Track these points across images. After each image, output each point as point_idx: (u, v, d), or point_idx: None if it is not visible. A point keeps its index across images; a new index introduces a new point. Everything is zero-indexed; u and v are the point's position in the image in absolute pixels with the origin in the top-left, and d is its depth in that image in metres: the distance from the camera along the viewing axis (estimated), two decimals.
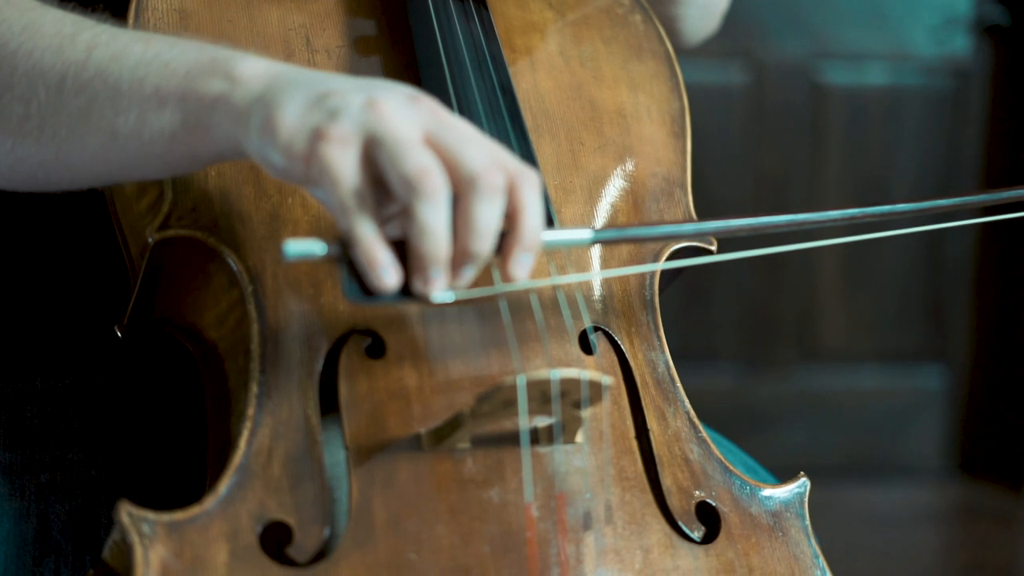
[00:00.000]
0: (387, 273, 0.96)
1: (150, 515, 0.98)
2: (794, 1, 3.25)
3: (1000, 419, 3.46)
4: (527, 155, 1.16)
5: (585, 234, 1.08)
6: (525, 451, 1.04)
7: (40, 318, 1.29)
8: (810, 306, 3.38)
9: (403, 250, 0.98)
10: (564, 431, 1.06)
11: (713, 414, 3.28)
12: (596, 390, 1.03)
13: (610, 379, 1.05)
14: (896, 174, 3.34)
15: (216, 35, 1.19)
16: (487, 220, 0.96)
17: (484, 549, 1.01)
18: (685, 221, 1.25)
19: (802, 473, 1.17)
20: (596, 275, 1.19)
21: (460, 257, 0.97)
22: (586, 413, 1.05)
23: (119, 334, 1.18)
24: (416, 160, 0.94)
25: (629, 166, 1.26)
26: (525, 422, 1.03)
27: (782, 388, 3.38)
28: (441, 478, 1.04)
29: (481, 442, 1.05)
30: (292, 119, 0.96)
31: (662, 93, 1.32)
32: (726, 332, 3.35)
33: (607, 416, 1.12)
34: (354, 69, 1.22)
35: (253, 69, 1.02)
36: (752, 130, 3.28)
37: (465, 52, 1.22)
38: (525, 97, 1.25)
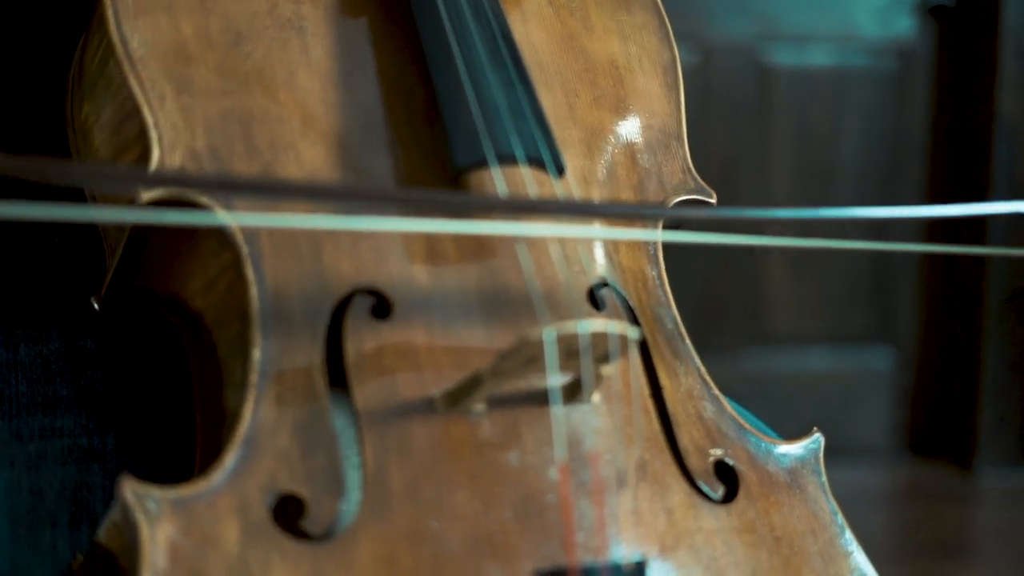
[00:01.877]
0: None
1: (156, 491, 0.92)
2: None
3: (948, 399, 3.48)
4: (534, 103, 1.13)
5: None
6: (557, 409, 1.01)
7: (22, 286, 1.25)
8: (759, 289, 3.39)
9: None
10: (586, 387, 1.02)
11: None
12: (623, 344, 0.99)
13: (637, 331, 1.01)
14: (841, 154, 3.36)
15: None
16: None
17: (507, 514, 0.98)
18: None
19: (815, 428, 1.15)
20: (599, 234, 1.15)
21: None
22: (609, 370, 1.02)
23: (96, 306, 1.14)
24: None
25: (624, 118, 1.24)
26: (556, 379, 1.00)
27: (732, 371, 3.38)
28: (458, 442, 1.00)
29: (497, 403, 1.02)
30: None
31: (652, 44, 1.30)
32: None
33: (622, 374, 1.09)
34: (344, 20, 1.19)
35: None
36: (699, 111, 3.28)
37: (463, 1, 1.19)
38: (520, 47, 1.21)
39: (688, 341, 1.16)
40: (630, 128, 1.24)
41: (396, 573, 0.94)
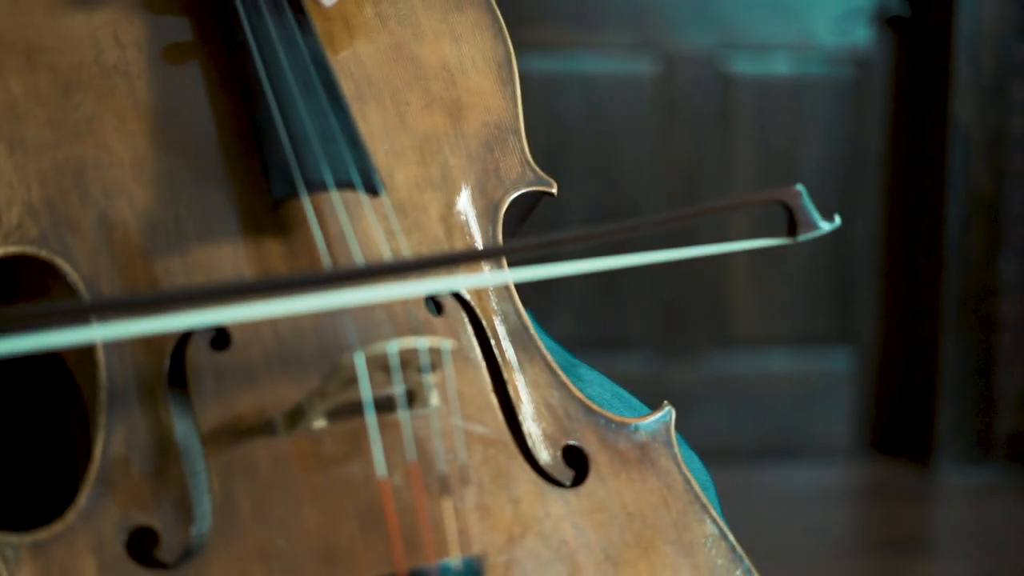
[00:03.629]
0: None
1: (12, 538, 0.98)
2: None
3: (908, 398, 3.54)
4: (346, 126, 1.16)
5: None
6: (372, 426, 1.04)
7: None
8: (721, 292, 3.44)
9: None
10: (415, 397, 1.06)
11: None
12: (437, 356, 1.04)
13: (451, 342, 1.05)
14: (802, 161, 3.41)
15: (23, 43, 1.17)
16: None
17: (352, 526, 1.02)
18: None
19: (666, 402, 1.19)
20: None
21: None
22: (434, 378, 1.06)
23: None
24: None
25: (459, 119, 1.27)
26: (369, 396, 1.03)
27: (695, 373, 3.43)
28: (301, 460, 1.04)
29: (336, 417, 1.05)
30: None
31: (485, 41, 1.33)
32: (638, 319, 3.40)
33: (461, 375, 1.12)
34: (167, 61, 1.21)
35: None
36: (662, 120, 3.33)
37: (273, 31, 1.21)
38: (345, 65, 1.24)
39: (533, 332, 1.19)
40: (465, 128, 1.27)
41: None
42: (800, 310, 3.47)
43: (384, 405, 1.05)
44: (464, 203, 1.23)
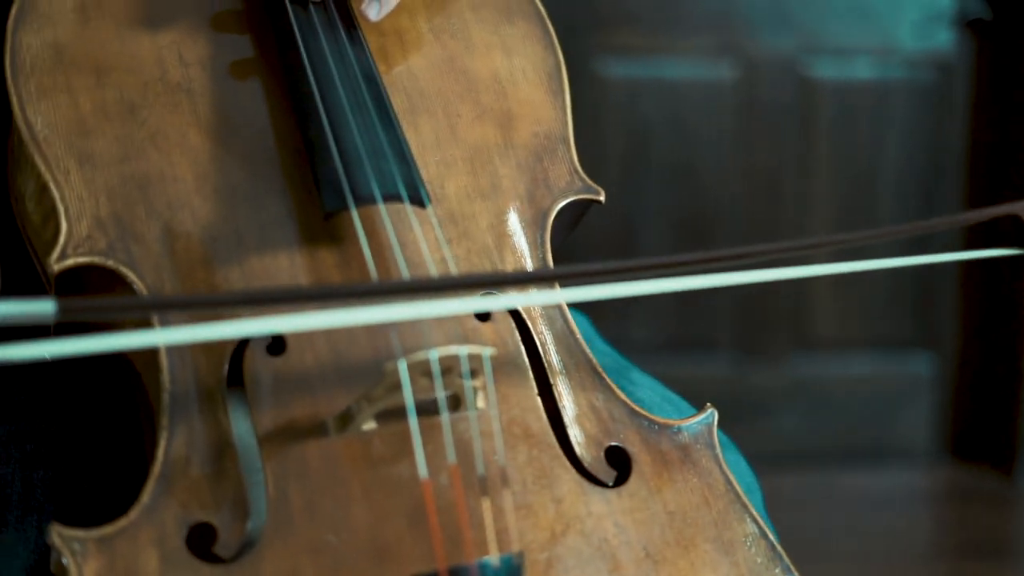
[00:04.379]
0: None
1: (80, 533, 1.03)
2: None
3: (988, 403, 3.52)
4: (394, 141, 1.20)
5: (46, 307, 1.00)
6: (414, 429, 1.07)
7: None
8: (803, 295, 3.44)
9: None
10: (459, 401, 1.10)
11: (710, 402, 3.35)
12: (478, 361, 1.08)
13: (491, 349, 1.09)
14: (883, 165, 3.40)
15: (92, 63, 1.23)
16: None
17: (399, 524, 1.06)
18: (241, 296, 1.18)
19: (708, 404, 1.22)
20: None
21: None
22: (478, 382, 1.10)
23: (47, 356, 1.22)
24: None
25: (509, 130, 1.30)
26: (411, 401, 1.07)
27: (776, 376, 3.44)
28: (352, 460, 1.09)
29: (385, 420, 1.09)
30: None
31: (536, 52, 1.36)
32: (721, 321, 3.41)
33: (507, 378, 1.16)
34: (228, 78, 1.26)
35: None
36: (742, 125, 3.34)
37: (326, 49, 1.26)
38: (399, 79, 1.28)
39: (579, 336, 1.23)
40: (515, 139, 1.30)
41: None
42: (881, 313, 3.46)
43: (427, 409, 1.09)
44: (513, 212, 1.27)
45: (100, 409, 1.29)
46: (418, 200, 1.18)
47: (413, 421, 1.08)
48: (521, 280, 1.24)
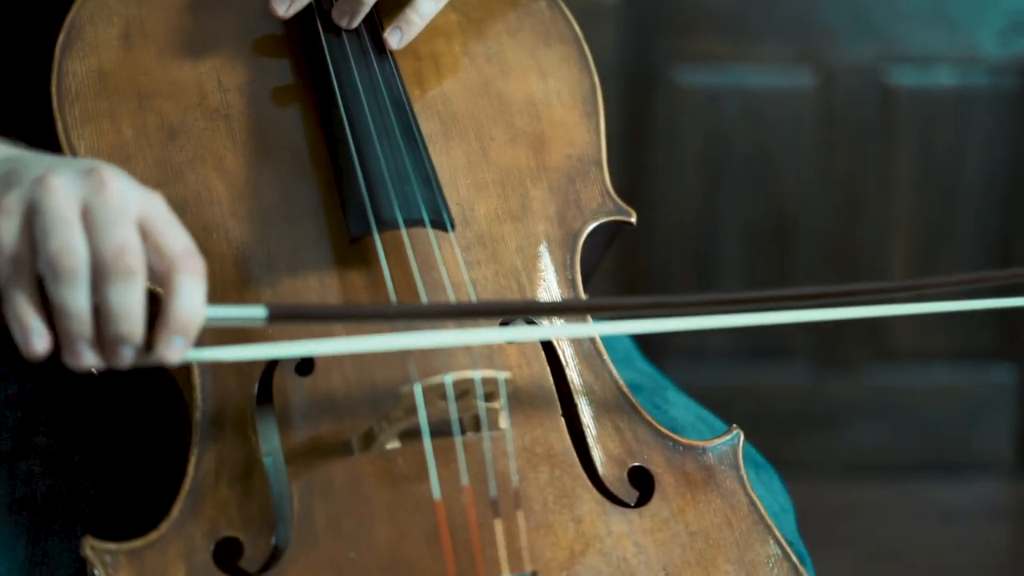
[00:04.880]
0: (35, 338, 0.98)
1: (111, 546, 1.08)
2: (862, 5, 3.29)
3: None
4: (419, 166, 1.23)
5: (258, 312, 1.07)
6: (428, 450, 1.11)
7: None
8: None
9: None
10: (478, 423, 1.13)
11: (786, 412, 3.34)
12: (493, 385, 1.11)
13: (506, 374, 1.12)
14: (965, 173, 3.36)
15: (134, 89, 1.27)
16: (119, 303, 0.98)
17: (419, 543, 1.09)
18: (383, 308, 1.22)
19: (734, 426, 1.23)
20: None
21: (105, 336, 0.99)
22: (494, 405, 1.12)
23: (94, 371, 1.27)
24: (58, 238, 0.97)
25: (542, 152, 1.32)
26: (425, 425, 1.10)
27: (853, 386, 3.40)
28: (375, 478, 1.12)
29: (408, 439, 1.12)
30: None
31: (572, 75, 1.38)
32: (796, 330, 3.39)
33: (531, 400, 1.19)
34: (264, 102, 1.29)
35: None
36: (821, 133, 3.32)
37: (357, 76, 1.28)
38: (432, 103, 1.31)
39: (606, 356, 1.24)
40: (548, 161, 1.32)
41: None
42: (961, 323, 3.42)
43: (442, 431, 1.13)
44: (543, 234, 1.29)
45: (148, 424, 1.34)
46: (441, 225, 1.21)
47: (427, 443, 1.11)
48: (551, 309, 1.26)
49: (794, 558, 1.17)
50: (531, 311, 1.24)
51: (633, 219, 1.33)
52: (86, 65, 1.28)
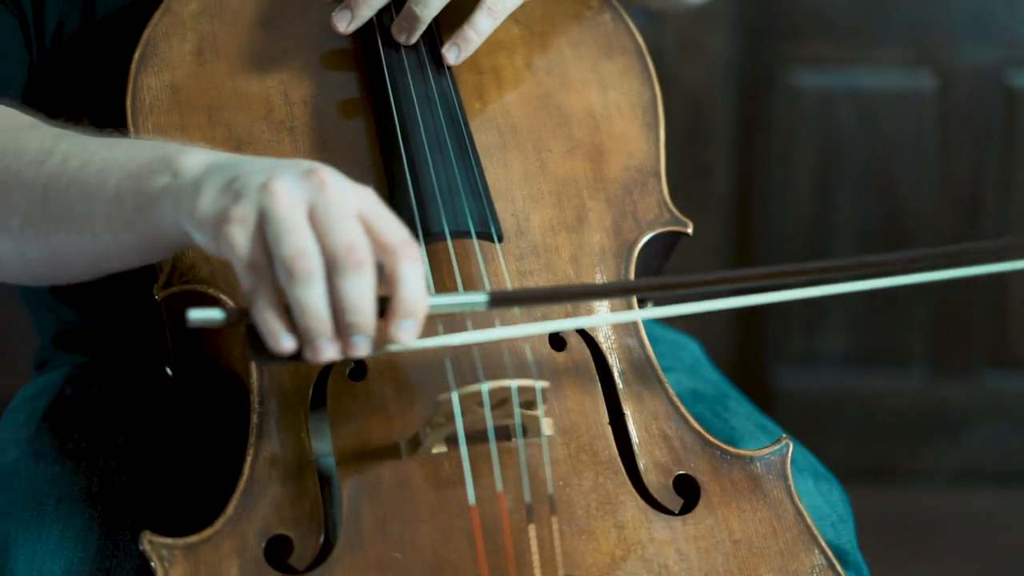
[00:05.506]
0: (283, 339, 1.05)
1: (168, 541, 1.13)
2: (982, 6, 3.23)
3: None
4: (470, 180, 1.26)
5: (479, 298, 1.12)
6: (464, 457, 1.14)
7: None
8: (999, 308, 3.34)
9: None
10: (512, 432, 1.16)
11: (902, 417, 3.30)
12: (531, 393, 1.13)
13: (544, 383, 1.14)
14: None
15: (205, 102, 1.31)
16: (354, 296, 1.03)
17: (463, 544, 1.12)
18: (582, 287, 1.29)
19: (784, 436, 1.25)
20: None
21: (342, 328, 1.04)
22: (537, 411, 1.15)
23: (169, 373, 1.32)
24: (291, 243, 1.02)
25: (600, 163, 1.34)
26: (462, 432, 1.14)
27: (972, 391, 3.35)
28: (421, 481, 1.15)
29: (455, 444, 1.16)
30: (206, 203, 1.06)
31: (633, 87, 1.40)
32: (914, 335, 3.35)
33: (578, 406, 1.21)
34: (328, 116, 1.33)
35: (192, 160, 1.11)
36: (940, 136, 3.27)
37: (413, 91, 1.32)
38: (492, 116, 1.34)
39: (657, 365, 1.26)
40: (605, 172, 1.34)
41: None
42: None
43: (480, 438, 1.16)
44: (597, 244, 1.31)
45: (220, 427, 1.39)
46: (488, 236, 1.24)
47: (463, 449, 1.14)
48: (597, 293, 1.28)
49: (839, 568, 1.18)
50: (580, 296, 1.27)
51: (689, 230, 1.35)
52: (161, 80, 1.34)
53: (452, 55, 1.36)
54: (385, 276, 1.06)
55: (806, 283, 1.23)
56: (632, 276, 1.31)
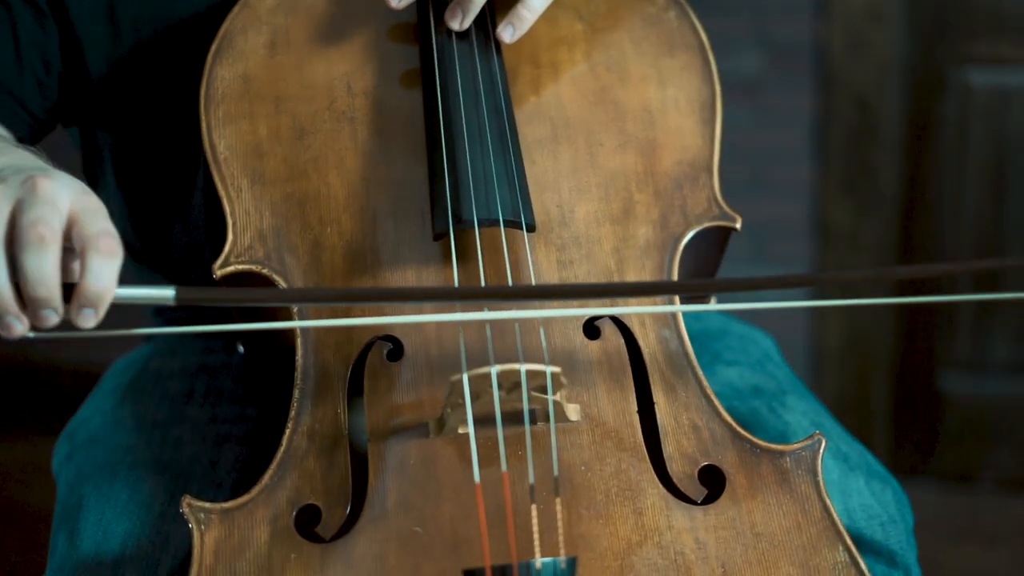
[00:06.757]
0: None
1: (206, 504, 1.19)
2: None
3: None
4: (507, 170, 1.29)
5: (168, 292, 1.13)
6: (472, 436, 1.17)
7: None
8: None
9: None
10: (525, 412, 1.18)
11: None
12: (541, 378, 1.16)
13: (555, 368, 1.16)
14: None
15: (273, 92, 1.38)
16: (35, 269, 1.05)
17: (472, 522, 1.15)
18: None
19: (816, 432, 1.24)
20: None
21: (30, 302, 1.07)
22: (558, 396, 1.18)
23: (240, 350, 1.39)
24: None
25: (652, 157, 1.36)
26: (470, 414, 1.17)
27: None
28: (446, 460, 1.19)
29: (483, 424, 1.19)
30: None
31: (692, 83, 1.41)
32: None
33: (608, 394, 1.24)
34: (386, 106, 1.38)
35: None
36: None
37: (460, 80, 1.35)
38: (546, 108, 1.37)
39: (693, 357, 1.27)
40: (656, 166, 1.35)
41: (384, 568, 1.15)
42: None
43: (488, 420, 1.19)
44: (642, 237, 1.33)
45: (284, 400, 1.46)
46: (517, 225, 1.27)
47: (471, 429, 1.18)
48: (633, 290, 1.30)
49: (862, 565, 1.17)
50: (618, 292, 1.29)
51: (738, 225, 1.35)
52: (234, 71, 1.41)
53: (507, 34, 1.39)
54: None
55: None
56: (676, 269, 1.33)
